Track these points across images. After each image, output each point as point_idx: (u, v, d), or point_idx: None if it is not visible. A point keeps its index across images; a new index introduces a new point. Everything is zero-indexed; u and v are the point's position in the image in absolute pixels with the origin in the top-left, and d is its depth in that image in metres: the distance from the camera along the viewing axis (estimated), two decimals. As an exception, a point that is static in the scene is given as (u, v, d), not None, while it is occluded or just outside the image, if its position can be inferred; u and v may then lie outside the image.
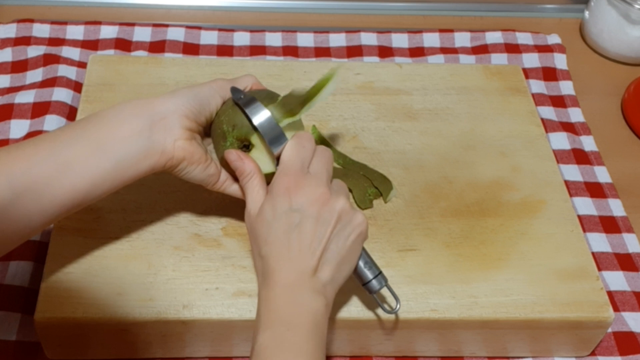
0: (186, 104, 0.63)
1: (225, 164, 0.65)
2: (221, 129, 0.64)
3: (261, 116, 0.62)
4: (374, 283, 0.63)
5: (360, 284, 0.64)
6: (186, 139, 0.62)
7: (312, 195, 0.60)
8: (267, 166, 0.64)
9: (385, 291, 0.64)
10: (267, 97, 0.65)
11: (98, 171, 0.59)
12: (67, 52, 0.95)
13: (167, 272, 0.67)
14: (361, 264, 0.63)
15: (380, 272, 0.63)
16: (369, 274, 0.63)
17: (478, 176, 0.79)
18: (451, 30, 1.04)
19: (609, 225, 0.83)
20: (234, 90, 0.65)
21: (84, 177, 0.59)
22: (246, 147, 0.64)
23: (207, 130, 0.67)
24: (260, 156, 0.64)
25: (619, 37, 1.02)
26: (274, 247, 0.59)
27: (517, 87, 0.88)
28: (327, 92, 0.64)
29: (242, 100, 0.63)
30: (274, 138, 0.62)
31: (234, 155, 0.63)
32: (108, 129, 0.60)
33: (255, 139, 0.64)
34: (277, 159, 0.63)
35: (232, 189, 0.67)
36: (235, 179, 0.66)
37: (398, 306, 0.63)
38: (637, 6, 0.99)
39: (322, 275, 0.59)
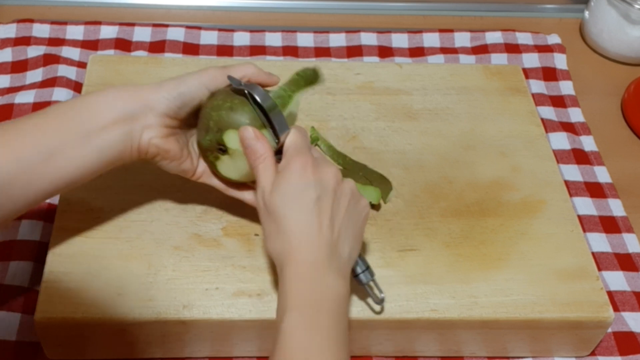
0: (169, 101, 0.63)
1: (202, 151, 0.66)
2: (207, 123, 0.64)
3: (270, 103, 0.63)
4: (366, 275, 0.64)
5: (352, 275, 0.64)
6: (163, 136, 0.63)
7: (328, 172, 0.61)
8: (235, 173, 0.65)
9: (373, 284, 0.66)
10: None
11: (83, 161, 0.61)
12: (67, 52, 0.95)
13: (167, 272, 0.67)
14: None
15: (369, 266, 0.64)
16: (362, 265, 0.64)
17: (478, 176, 0.79)
18: (451, 30, 1.04)
19: (609, 225, 0.83)
20: (232, 79, 0.64)
21: (70, 166, 0.60)
22: (222, 150, 0.64)
23: (192, 118, 0.66)
24: (230, 162, 0.65)
25: (619, 37, 1.02)
26: (294, 222, 0.59)
27: (517, 87, 0.88)
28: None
29: (246, 87, 0.63)
30: (282, 124, 0.63)
31: (250, 132, 0.62)
32: (93, 117, 0.61)
33: (233, 145, 0.63)
34: (279, 148, 0.63)
35: (213, 181, 0.68)
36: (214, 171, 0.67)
37: (383, 295, 0.65)
38: (637, 6, 0.99)
39: (342, 251, 0.60)
